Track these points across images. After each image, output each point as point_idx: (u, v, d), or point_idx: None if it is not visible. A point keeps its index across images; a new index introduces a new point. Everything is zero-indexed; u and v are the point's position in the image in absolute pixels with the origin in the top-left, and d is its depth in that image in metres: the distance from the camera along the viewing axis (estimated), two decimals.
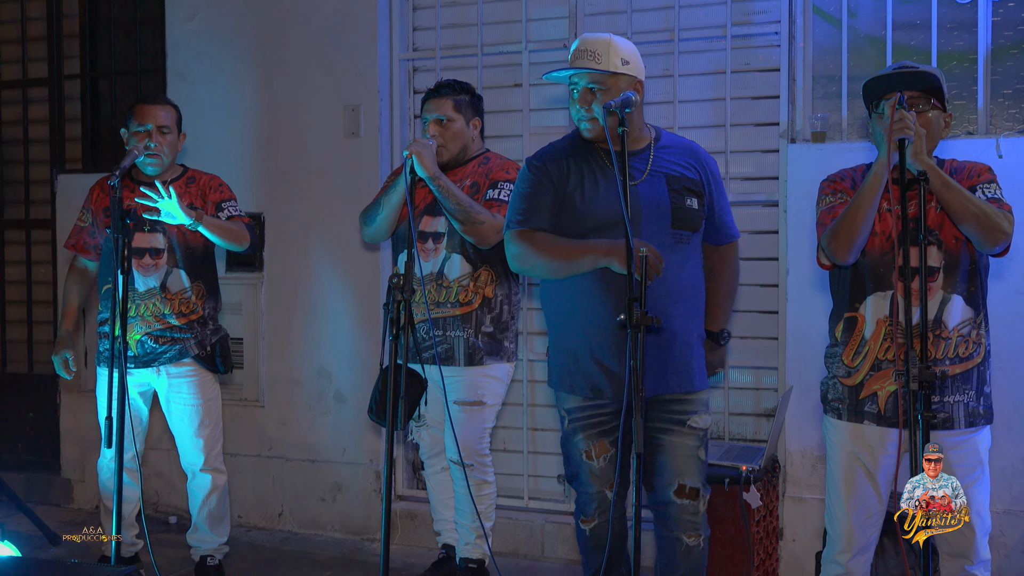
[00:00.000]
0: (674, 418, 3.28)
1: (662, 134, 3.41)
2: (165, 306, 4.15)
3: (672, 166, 3.31)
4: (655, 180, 3.27)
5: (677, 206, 3.26)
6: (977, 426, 3.13)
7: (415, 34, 5.04)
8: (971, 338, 3.10)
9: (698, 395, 3.32)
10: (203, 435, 4.26)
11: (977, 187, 3.06)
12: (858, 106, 4.22)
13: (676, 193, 3.27)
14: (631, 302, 2.77)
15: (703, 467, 3.34)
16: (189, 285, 4.17)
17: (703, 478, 3.34)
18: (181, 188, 4.15)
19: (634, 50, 3.30)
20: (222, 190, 4.24)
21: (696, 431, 3.30)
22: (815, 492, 4.26)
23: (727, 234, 3.48)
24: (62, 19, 5.78)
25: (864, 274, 3.13)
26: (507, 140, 4.82)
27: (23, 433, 5.90)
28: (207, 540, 4.38)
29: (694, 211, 3.30)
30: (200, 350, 4.20)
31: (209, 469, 4.30)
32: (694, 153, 3.40)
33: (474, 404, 3.98)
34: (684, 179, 3.31)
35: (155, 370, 4.19)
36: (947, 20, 4.21)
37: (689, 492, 3.28)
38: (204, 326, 4.22)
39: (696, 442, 3.30)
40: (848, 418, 3.18)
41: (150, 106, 4.15)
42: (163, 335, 4.16)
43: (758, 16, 4.50)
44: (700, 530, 3.33)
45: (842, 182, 3.23)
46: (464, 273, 3.96)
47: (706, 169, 3.38)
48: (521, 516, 4.80)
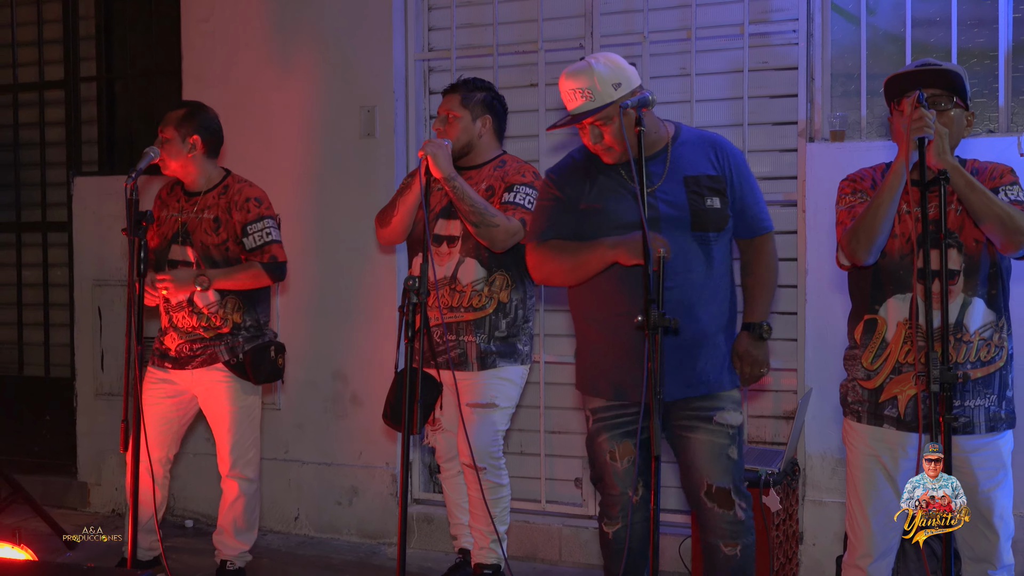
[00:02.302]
0: (699, 415, 3.23)
1: (681, 130, 3.34)
2: (193, 320, 4.19)
3: (691, 165, 3.25)
4: (673, 183, 3.22)
5: (696, 208, 3.20)
6: (999, 430, 3.09)
7: (430, 34, 5.03)
8: (993, 342, 3.06)
9: (726, 393, 3.26)
10: (230, 442, 4.26)
11: (1000, 189, 3.02)
12: (877, 104, 4.18)
13: (694, 195, 3.21)
14: (648, 303, 2.76)
15: (734, 467, 3.23)
16: (218, 300, 4.19)
17: (736, 479, 3.23)
18: (214, 199, 4.21)
19: (617, 63, 3.18)
20: (249, 207, 4.19)
21: (723, 427, 3.22)
22: (835, 496, 4.23)
23: (758, 226, 3.36)
24: (78, 21, 5.79)
25: (884, 276, 3.10)
26: (523, 140, 4.80)
27: (40, 436, 5.91)
28: (229, 545, 4.38)
29: (715, 211, 3.22)
30: (231, 356, 4.20)
31: (234, 476, 4.30)
32: (715, 146, 3.31)
33: (486, 406, 3.96)
34: (703, 178, 3.24)
35: (190, 372, 4.23)
36: (967, 16, 4.16)
37: (717, 493, 3.20)
38: (236, 336, 4.22)
39: (724, 440, 3.22)
40: (868, 421, 3.15)
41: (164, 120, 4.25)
42: (195, 343, 4.20)
43: (776, 14, 4.46)
44: (739, 538, 3.24)
45: (862, 181, 3.19)
46: (479, 278, 3.94)
47: (729, 161, 3.29)
48: (538, 520, 4.76)
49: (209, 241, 4.18)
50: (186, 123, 4.19)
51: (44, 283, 5.97)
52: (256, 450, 4.37)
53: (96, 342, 5.55)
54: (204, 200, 4.22)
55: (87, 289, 5.61)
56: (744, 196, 3.30)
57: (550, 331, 4.81)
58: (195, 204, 4.23)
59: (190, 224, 4.21)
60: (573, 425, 4.78)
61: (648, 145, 3.19)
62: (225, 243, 4.19)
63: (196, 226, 4.20)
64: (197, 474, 5.23)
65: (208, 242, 4.18)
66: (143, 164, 3.86)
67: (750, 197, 3.33)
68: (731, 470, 3.23)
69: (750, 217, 3.33)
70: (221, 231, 4.18)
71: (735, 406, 3.28)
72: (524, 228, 3.79)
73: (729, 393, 3.28)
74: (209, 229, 4.19)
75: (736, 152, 3.35)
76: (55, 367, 5.93)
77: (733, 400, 3.28)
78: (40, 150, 5.96)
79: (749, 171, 3.36)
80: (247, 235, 4.17)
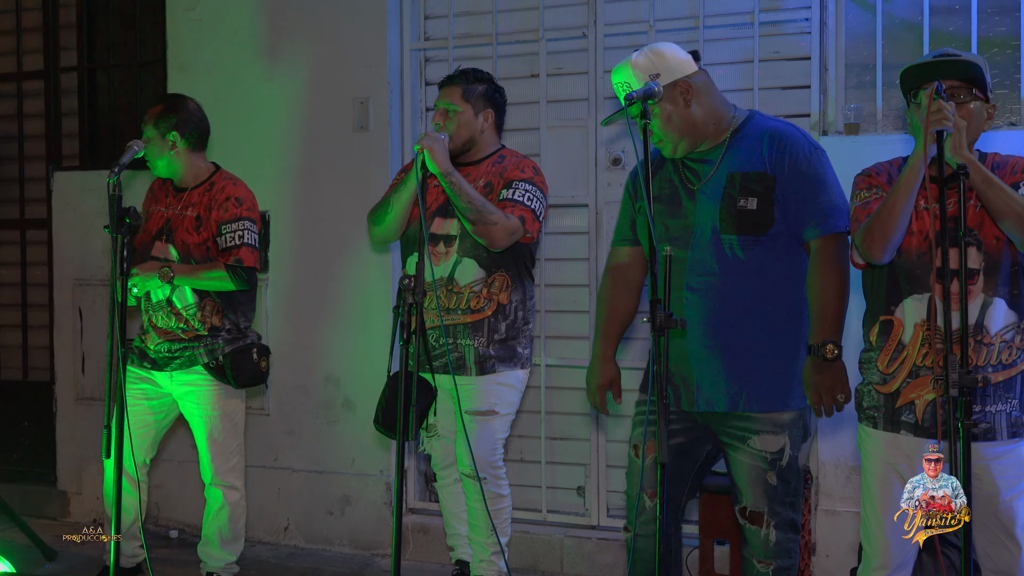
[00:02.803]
0: (736, 434, 3.18)
1: (751, 120, 3.22)
2: (172, 319, 4.15)
3: (742, 160, 3.14)
4: (716, 181, 3.15)
5: (726, 209, 3.09)
6: (1021, 436, 3.01)
7: (427, 23, 4.96)
8: (1015, 344, 2.97)
9: (766, 415, 3.14)
10: (212, 448, 4.23)
11: (1021, 184, 2.94)
12: (894, 96, 4.12)
13: (729, 195, 3.10)
14: (654, 303, 2.67)
15: (773, 492, 3.15)
16: (196, 301, 4.15)
17: (773, 504, 3.15)
18: (197, 197, 4.18)
19: (660, 52, 3.19)
20: (228, 207, 4.13)
21: (759, 452, 3.14)
22: (850, 505, 4.17)
23: (816, 229, 3.12)
24: (59, 9, 5.73)
25: (900, 275, 3.02)
26: (523, 133, 4.74)
27: (18, 443, 5.88)
28: (215, 557, 4.35)
29: (748, 212, 3.08)
30: (210, 359, 4.14)
31: (219, 484, 4.27)
32: (775, 138, 3.14)
33: (486, 414, 3.89)
34: (745, 176, 3.11)
35: (168, 375, 4.20)
36: (987, 4, 4.10)
37: (751, 516, 3.18)
38: (215, 338, 4.16)
39: (763, 464, 3.14)
40: (884, 427, 3.07)
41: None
42: (173, 344, 4.17)
43: (788, 1, 4.38)
44: (772, 559, 3.19)
45: (877, 176, 3.11)
46: (477, 279, 3.85)
47: (784, 156, 3.11)
48: (539, 530, 4.72)
49: (190, 240, 4.14)
50: (164, 120, 4.15)
51: (22, 283, 5.92)
52: (240, 457, 4.33)
53: (77, 344, 5.52)
54: (190, 197, 4.20)
55: (67, 289, 5.56)
56: (799, 195, 3.10)
57: (551, 333, 4.75)
58: (181, 200, 4.21)
59: (174, 221, 4.18)
60: (575, 431, 4.75)
61: (708, 137, 3.19)
62: (205, 242, 4.14)
63: (179, 224, 4.17)
64: (182, 482, 5.19)
65: (189, 241, 4.14)
66: (126, 158, 3.80)
67: (807, 195, 3.10)
68: (768, 495, 3.16)
69: (807, 218, 3.12)
70: (202, 230, 4.14)
71: (779, 429, 3.15)
72: (523, 226, 3.76)
73: (770, 415, 3.15)
74: (191, 228, 4.15)
75: (802, 146, 3.14)
76: (33, 371, 5.89)
77: (776, 423, 3.15)
78: (18, 144, 5.92)
79: (817, 167, 3.13)
80: (221, 234, 4.12)
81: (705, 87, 3.18)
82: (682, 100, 3.14)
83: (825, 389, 3.06)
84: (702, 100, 3.15)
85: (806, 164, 3.12)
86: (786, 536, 3.19)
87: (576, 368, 4.54)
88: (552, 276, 4.70)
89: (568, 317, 4.68)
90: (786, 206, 3.10)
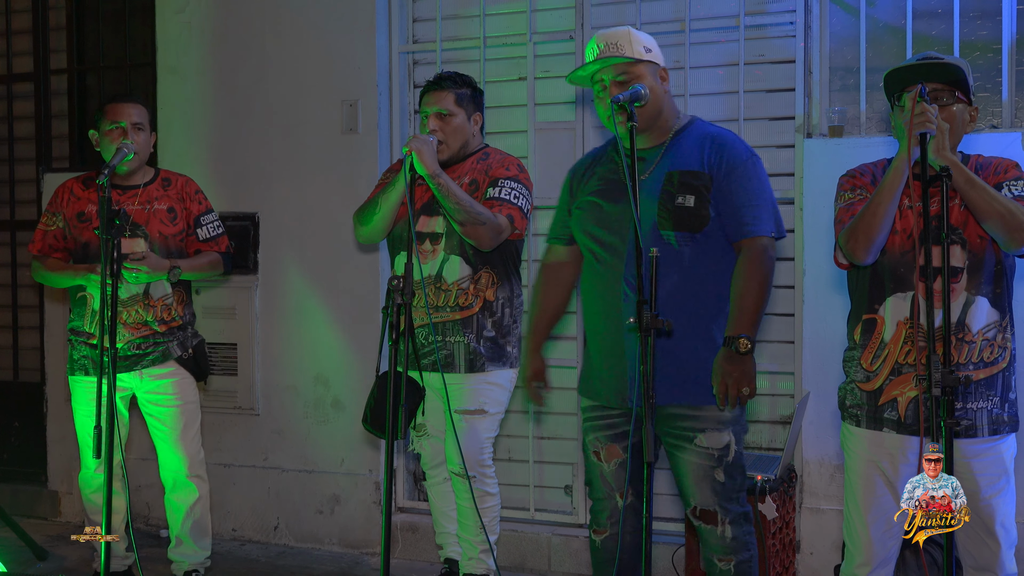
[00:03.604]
0: (681, 434, 3.18)
1: (693, 123, 3.28)
2: (148, 313, 4.14)
3: (681, 160, 3.18)
4: (655, 178, 3.18)
5: (664, 206, 3.13)
6: (1001, 434, 3.03)
7: (415, 25, 4.96)
8: (996, 342, 3.00)
9: (706, 410, 3.16)
10: (186, 439, 4.22)
11: (1003, 184, 2.96)
12: (877, 99, 4.14)
13: (667, 191, 3.14)
14: (640, 304, 2.67)
15: (723, 489, 3.18)
16: (171, 292, 4.18)
17: (722, 501, 3.18)
18: (158, 191, 4.20)
19: (652, 39, 3.26)
20: (199, 199, 4.28)
21: (706, 450, 3.15)
22: (833, 503, 4.19)
23: (744, 230, 3.19)
24: (48, 11, 5.71)
25: (884, 274, 3.04)
26: (511, 136, 4.73)
27: (8, 443, 5.85)
28: (193, 554, 4.32)
29: (687, 209, 3.13)
30: (182, 351, 4.20)
31: (193, 476, 4.25)
32: (715, 142, 3.21)
33: (475, 413, 3.89)
34: (684, 174, 3.16)
35: (137, 373, 4.16)
36: (970, 8, 4.12)
37: (703, 515, 3.20)
38: (184, 330, 4.24)
39: (709, 462, 3.16)
40: (867, 425, 3.09)
41: (122, 104, 4.16)
42: (146, 340, 4.14)
43: (772, 5, 4.40)
44: (732, 553, 3.21)
45: (861, 177, 3.13)
46: (464, 275, 3.85)
47: (722, 159, 3.17)
48: (527, 528, 4.72)
49: (168, 231, 4.18)
50: (150, 120, 4.24)
51: (13, 284, 5.89)
52: (202, 448, 4.35)
53: (67, 345, 5.37)
54: (148, 192, 4.18)
55: (58, 290, 5.46)
56: (734, 197, 3.17)
57: None
58: (136, 196, 4.16)
59: (137, 216, 4.13)
60: (563, 431, 4.75)
61: (653, 136, 3.22)
62: (181, 233, 4.21)
63: (148, 217, 4.15)
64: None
65: (167, 232, 4.17)
66: (116, 160, 3.80)
67: (741, 198, 3.17)
68: (718, 492, 3.18)
69: (738, 219, 3.19)
70: (178, 221, 4.21)
71: (720, 425, 3.17)
72: (511, 224, 3.77)
73: (708, 410, 3.16)
74: (166, 220, 4.18)
75: (737, 151, 3.21)
76: (24, 371, 5.85)
77: (716, 419, 3.17)
78: (8, 145, 5.89)
79: (752, 172, 3.20)
80: (200, 226, 4.24)
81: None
82: (660, 85, 3.21)
83: (733, 380, 3.08)
84: (668, 92, 3.25)
85: (742, 167, 3.18)
86: (742, 530, 3.21)
87: (564, 368, 4.55)
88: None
89: None
90: (720, 206, 3.15)
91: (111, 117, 4.10)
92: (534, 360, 3.55)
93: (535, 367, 3.55)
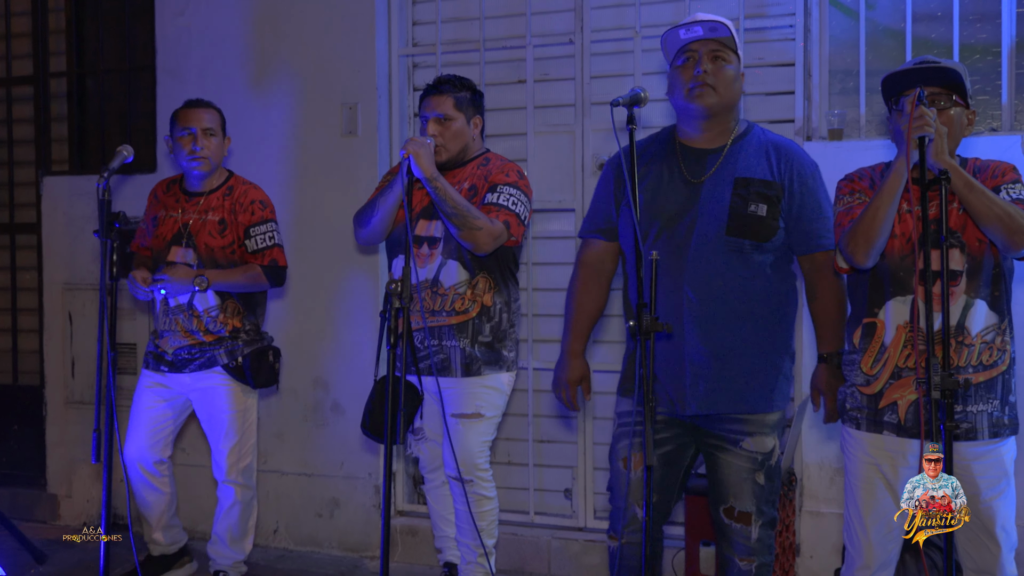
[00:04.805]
0: (728, 437, 3.19)
1: (753, 129, 3.27)
2: (192, 323, 4.18)
3: (746, 166, 3.17)
4: (720, 180, 3.15)
5: (736, 212, 3.11)
6: (1002, 437, 3.04)
7: (415, 29, 4.95)
8: (995, 345, 3.00)
9: (757, 416, 3.18)
10: (227, 446, 4.28)
11: (1001, 187, 2.97)
12: (876, 102, 4.13)
13: (739, 197, 3.12)
14: (640, 308, 2.69)
15: (761, 492, 3.20)
16: (219, 304, 4.19)
17: (760, 503, 3.21)
18: (217, 201, 4.23)
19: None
20: (254, 210, 4.23)
21: (750, 454, 3.18)
22: (833, 506, 4.19)
23: (816, 242, 3.20)
24: (48, 14, 5.68)
25: (883, 278, 3.04)
26: (510, 139, 4.72)
27: (7, 446, 5.83)
28: (224, 555, 4.39)
29: (758, 219, 3.11)
30: (229, 360, 4.21)
31: (232, 482, 4.31)
32: (780, 151, 3.21)
33: (472, 416, 3.88)
34: (755, 182, 3.14)
35: (187, 376, 4.24)
36: (969, 12, 4.11)
37: (739, 516, 3.20)
38: (235, 339, 4.23)
39: (751, 465, 3.18)
40: (867, 428, 3.09)
41: (193, 109, 4.22)
42: (192, 348, 4.21)
43: (772, 8, 4.39)
44: (755, 555, 3.23)
45: (860, 181, 3.14)
46: (461, 280, 3.85)
47: (792, 169, 3.17)
48: (526, 532, 4.70)
49: (214, 244, 4.18)
50: (224, 125, 4.29)
51: (12, 287, 5.87)
52: (252, 457, 4.39)
53: (66, 348, 5.49)
54: (208, 201, 4.23)
55: (57, 293, 5.53)
56: (803, 208, 3.18)
57: (539, 337, 4.74)
58: (197, 205, 4.23)
59: (193, 226, 4.20)
60: (562, 434, 4.74)
61: (708, 139, 3.22)
62: (231, 245, 4.21)
63: (199, 228, 4.19)
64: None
65: (213, 244, 4.18)
66: (116, 163, 3.77)
67: (811, 211, 3.19)
68: (756, 495, 3.21)
69: (807, 231, 3.19)
70: (227, 233, 4.20)
71: (768, 430, 3.20)
72: (508, 230, 3.75)
73: (762, 416, 3.19)
74: (215, 232, 4.19)
75: (804, 162, 3.22)
76: (23, 374, 5.83)
77: (766, 424, 3.20)
78: (8, 148, 5.86)
79: (817, 184, 3.23)
80: (250, 237, 4.21)
81: None
82: (738, 72, 3.21)
83: (833, 394, 3.21)
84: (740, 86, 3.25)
85: (811, 180, 3.20)
86: (767, 533, 3.23)
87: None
88: (539, 280, 4.70)
89: (555, 321, 4.63)
90: (789, 218, 3.16)
91: (182, 123, 4.17)
92: (577, 363, 3.45)
93: (579, 371, 3.46)
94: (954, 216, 2.95)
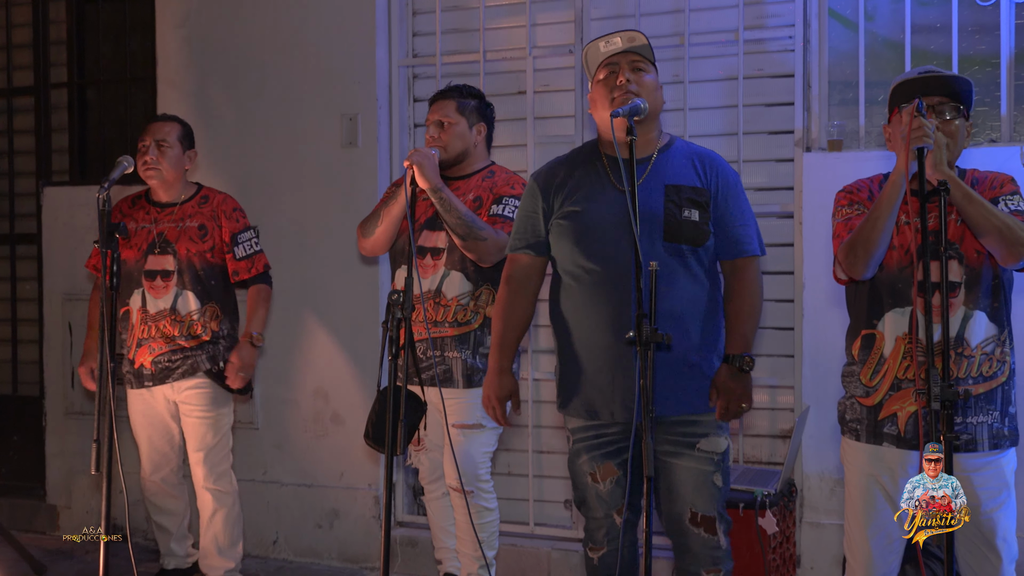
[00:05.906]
0: (681, 440, 3.15)
1: (675, 142, 3.27)
2: (175, 328, 4.22)
3: (675, 174, 3.18)
4: (652, 188, 3.15)
5: (671, 218, 3.12)
6: (1002, 448, 3.03)
7: (415, 40, 4.96)
8: (995, 356, 2.99)
9: (708, 416, 3.16)
10: (204, 449, 4.29)
11: (1000, 199, 2.96)
12: (876, 113, 4.14)
13: (672, 204, 3.13)
14: (639, 318, 2.67)
15: (719, 494, 3.17)
16: (199, 307, 4.23)
17: (720, 506, 3.18)
18: (193, 208, 4.31)
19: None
20: (237, 218, 4.34)
21: (707, 454, 3.15)
22: (834, 517, 4.17)
23: (740, 248, 3.22)
24: (48, 25, 5.71)
25: (882, 289, 3.04)
26: (511, 150, 4.73)
27: (7, 457, 5.83)
28: (215, 567, 4.36)
29: (692, 224, 3.13)
30: (212, 365, 4.25)
31: (211, 488, 4.31)
32: (704, 159, 3.23)
33: (473, 427, 3.88)
34: (686, 188, 3.16)
35: (170, 386, 4.26)
36: (968, 23, 4.12)
37: (702, 521, 3.16)
38: (216, 344, 4.27)
39: (709, 467, 3.15)
40: (867, 440, 3.09)
41: (153, 123, 4.32)
42: (175, 353, 4.23)
43: (772, 20, 4.40)
44: (720, 564, 3.18)
45: (859, 192, 3.13)
46: (464, 291, 3.85)
47: (717, 177, 3.20)
48: (526, 543, 4.69)
49: (195, 248, 4.24)
50: (187, 138, 4.34)
51: (12, 297, 5.88)
52: (229, 463, 4.40)
53: (66, 359, 5.49)
54: (183, 210, 4.30)
55: (57, 304, 5.53)
56: (729, 214, 3.19)
57: (539, 347, 4.74)
58: (172, 214, 4.29)
59: (169, 234, 4.25)
60: (562, 445, 4.70)
61: (641, 147, 3.16)
62: (209, 250, 4.27)
63: (179, 235, 4.25)
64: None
65: (194, 249, 4.24)
66: (116, 174, 3.76)
67: (736, 217, 3.20)
68: (716, 498, 3.17)
69: (733, 237, 3.21)
70: (207, 239, 4.26)
71: (719, 431, 3.18)
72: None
73: (709, 416, 3.17)
74: (195, 237, 4.26)
75: (728, 171, 3.25)
76: (23, 385, 5.84)
77: (717, 425, 3.18)
78: (8, 159, 5.88)
79: (740, 192, 3.25)
80: (237, 244, 4.30)
81: None
82: (658, 82, 3.22)
83: (735, 397, 3.13)
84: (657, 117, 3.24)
85: (735, 189, 3.22)
86: (727, 539, 3.20)
87: None
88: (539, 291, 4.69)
89: None
90: (716, 223, 3.17)
91: (142, 136, 4.27)
92: (505, 380, 3.41)
93: (507, 387, 3.42)
94: (952, 227, 2.95)
